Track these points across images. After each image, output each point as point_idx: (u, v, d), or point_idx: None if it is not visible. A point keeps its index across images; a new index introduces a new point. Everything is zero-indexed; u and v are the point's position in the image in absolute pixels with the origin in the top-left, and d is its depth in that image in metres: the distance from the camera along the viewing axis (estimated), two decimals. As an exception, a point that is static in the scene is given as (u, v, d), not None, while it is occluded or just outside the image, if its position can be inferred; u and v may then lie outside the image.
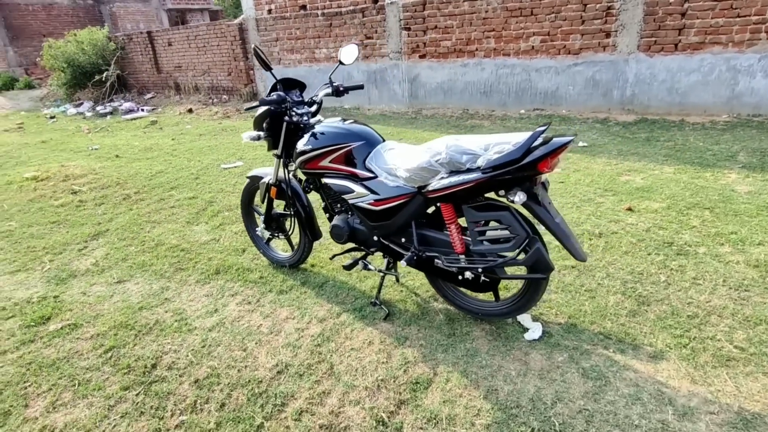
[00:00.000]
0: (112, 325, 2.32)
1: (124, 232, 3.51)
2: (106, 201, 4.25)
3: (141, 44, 10.67)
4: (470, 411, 1.67)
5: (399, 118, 7.10)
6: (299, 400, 1.77)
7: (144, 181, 4.75)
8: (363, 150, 2.10)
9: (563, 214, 3.18)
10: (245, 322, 2.29)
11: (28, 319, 2.43)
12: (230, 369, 1.96)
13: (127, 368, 2.01)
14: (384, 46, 7.31)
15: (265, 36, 8.59)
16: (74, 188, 4.64)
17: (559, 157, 1.70)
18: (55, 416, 1.78)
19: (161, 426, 1.70)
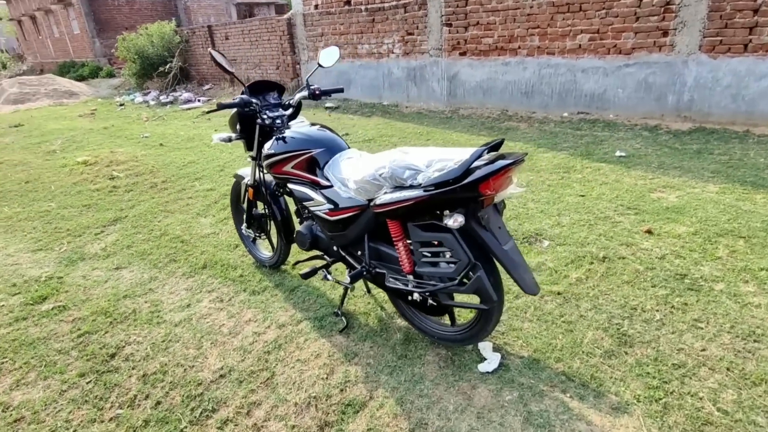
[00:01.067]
0: (94, 311, 2.45)
1: (139, 219, 3.71)
2: (135, 188, 4.52)
3: (202, 38, 11.26)
4: (391, 444, 1.57)
5: (434, 117, 6.92)
6: (229, 408, 1.76)
7: (174, 171, 5.00)
8: (323, 157, 2.04)
9: (572, 232, 2.93)
10: (210, 320, 2.33)
11: (29, 297, 2.63)
12: (178, 367, 2.00)
13: (90, 355, 2.11)
14: (424, 42, 7.14)
15: (311, 31, 8.72)
16: (113, 174, 4.99)
17: (508, 178, 1.54)
18: (14, 394, 1.90)
19: (96, 417, 1.76)
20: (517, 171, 1.58)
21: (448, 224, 1.56)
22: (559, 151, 4.72)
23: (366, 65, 8.08)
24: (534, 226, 3.09)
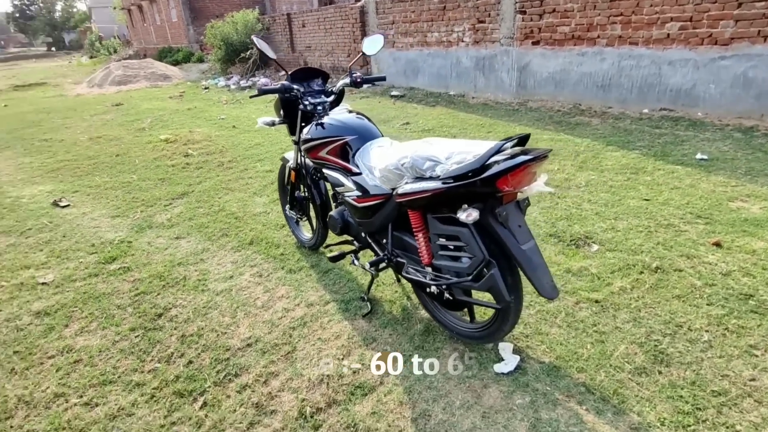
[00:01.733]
0: (152, 274, 2.72)
1: (203, 195, 4.02)
2: (204, 165, 4.89)
3: (281, 25, 11.75)
4: (391, 430, 1.59)
5: (500, 108, 6.68)
6: (250, 375, 1.88)
7: (241, 151, 5.32)
8: (356, 144, 2.07)
9: (626, 238, 2.73)
10: (248, 293, 2.48)
11: (102, 257, 2.98)
12: (212, 332, 2.16)
13: (141, 313, 2.35)
14: (496, 30, 6.88)
15: (383, 19, 8.75)
16: (188, 152, 5.42)
17: (529, 175, 1.47)
18: (78, 339, 2.18)
19: (138, 367, 1.96)
20: (540, 168, 1.50)
21: (460, 218, 1.52)
22: (630, 150, 4.36)
23: (434, 54, 7.97)
24: (585, 228, 2.91)
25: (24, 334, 2.23)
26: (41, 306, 2.45)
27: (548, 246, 2.74)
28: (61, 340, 2.17)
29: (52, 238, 3.31)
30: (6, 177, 4.95)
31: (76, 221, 3.61)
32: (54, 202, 4.01)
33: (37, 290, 2.62)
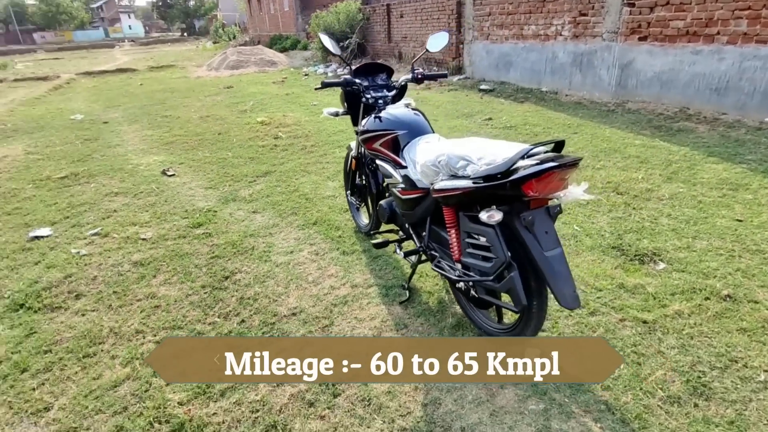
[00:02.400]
0: (227, 241, 3.08)
1: (282, 175, 4.38)
2: (290, 148, 5.29)
3: (380, 15, 12.02)
4: (400, 410, 1.69)
5: (594, 108, 6.25)
6: (285, 342, 2.10)
7: (324, 137, 5.66)
8: (405, 139, 2.16)
9: (700, 260, 2.51)
10: (303, 268, 2.72)
11: (191, 222, 3.43)
12: (266, 299, 2.43)
13: (212, 273, 2.70)
14: (599, 24, 6.40)
15: (479, 10, 8.55)
16: (278, 134, 5.89)
17: (560, 181, 1.45)
18: (161, 289, 2.58)
19: (201, 319, 2.29)
20: (571, 175, 1.48)
21: (482, 218, 1.55)
22: (735, 164, 3.88)
23: (529, 48, 7.64)
24: (655, 244, 2.70)
25: (122, 279, 2.69)
26: (139, 257, 2.92)
27: (607, 258, 2.61)
28: (148, 288, 2.59)
29: (156, 201, 3.88)
30: (131, 147, 5.81)
31: (176, 189, 4.16)
32: (163, 171, 4.66)
33: (138, 244, 3.11)
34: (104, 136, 6.42)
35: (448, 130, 5.62)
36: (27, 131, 6.96)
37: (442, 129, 5.65)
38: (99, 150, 5.68)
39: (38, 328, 2.26)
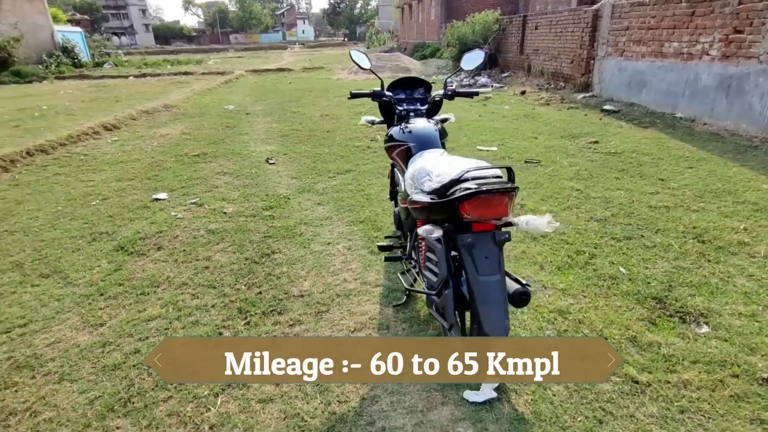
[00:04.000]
0: (283, 225, 3.51)
1: (359, 175, 4.71)
2: (379, 151, 5.62)
3: (516, 27, 11.71)
4: (341, 397, 1.84)
5: (731, 142, 5.30)
6: (286, 317, 2.38)
7: (415, 144, 5.85)
8: (414, 150, 2.25)
9: (762, 333, 2.11)
10: (330, 259, 2.98)
11: (266, 204, 3.95)
12: (286, 278, 2.75)
13: (259, 249, 3.12)
14: (756, 43, 5.39)
15: (617, 24, 7.80)
16: (376, 137, 6.28)
17: (498, 206, 1.46)
18: (217, 256, 3.09)
19: (231, 284, 2.70)
20: (510, 202, 1.46)
21: (419, 233, 1.61)
22: None
23: (668, 67, 6.76)
24: (711, 304, 2.34)
25: (194, 241, 3.29)
26: (214, 227, 3.51)
27: (638, 308, 2.34)
28: (208, 252, 3.13)
29: (249, 184, 4.54)
30: (255, 136, 6.78)
31: (269, 176, 4.80)
32: (267, 159, 5.38)
33: (218, 216, 3.73)
34: (240, 125, 7.58)
35: (543, 149, 5.36)
36: (191, 116, 8.56)
37: (537, 149, 5.41)
38: (231, 136, 6.76)
39: (123, 267, 2.93)
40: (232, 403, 1.83)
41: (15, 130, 7.20)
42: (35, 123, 7.72)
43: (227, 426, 1.72)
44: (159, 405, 1.83)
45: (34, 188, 4.52)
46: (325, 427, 1.70)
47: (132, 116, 8.13)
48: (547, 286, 2.57)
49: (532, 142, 5.73)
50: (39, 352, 2.15)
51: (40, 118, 8.28)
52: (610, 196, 3.82)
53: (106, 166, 5.26)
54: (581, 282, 2.60)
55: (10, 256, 3.12)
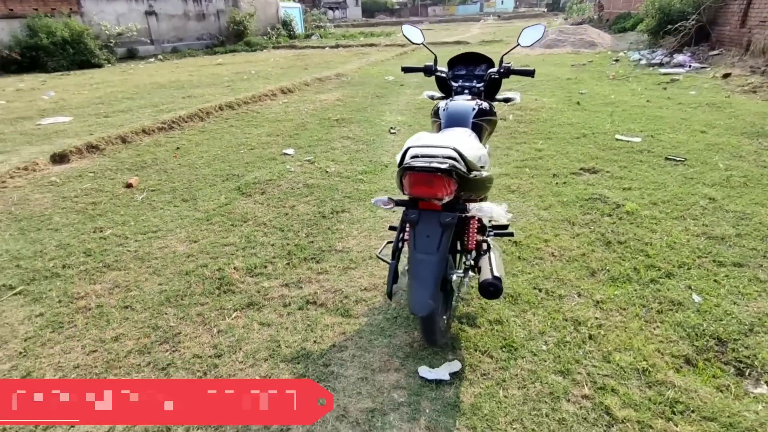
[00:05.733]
0: (368, 189, 3.80)
1: (465, 152, 4.66)
2: (500, 131, 5.38)
3: (743, -9, 9.18)
4: (303, 348, 2.09)
5: None
6: (319, 265, 2.70)
7: (556, 128, 5.40)
8: (443, 128, 2.24)
9: None
10: (384, 229, 3.17)
11: (364, 169, 4.30)
12: (338, 234, 3.06)
13: (334, 206, 3.49)
14: None
15: None
16: (508, 117, 5.99)
17: (425, 185, 1.47)
18: (300, 205, 3.58)
19: (297, 231, 3.14)
20: (450, 185, 1.46)
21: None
22: None
23: None
24: (753, 351, 1.80)
25: (290, 191, 3.85)
26: (312, 182, 4.02)
27: (682, 343, 1.94)
28: (296, 202, 3.64)
29: (361, 149, 4.95)
30: (395, 107, 7.15)
31: (383, 145, 5.12)
32: (390, 128, 5.70)
33: (321, 174, 4.23)
34: (388, 95, 8.07)
35: (703, 146, 4.39)
36: (353, 84, 9.44)
37: (695, 145, 4.47)
38: (374, 105, 7.29)
39: (232, 203, 3.66)
40: (241, 319, 2.26)
41: (226, 89, 9.09)
42: (242, 84, 9.59)
43: (229, 333, 2.15)
44: (196, 306, 2.37)
45: (211, 135, 5.79)
46: (290, 354, 1.99)
47: (306, 82, 9.40)
48: (582, 293, 2.30)
49: (693, 137, 4.71)
50: (152, 251, 2.95)
51: (247, 80, 10.22)
52: (752, 212, 3.01)
53: (266, 123, 6.34)
54: (627, 298, 2.24)
55: (172, 182, 4.18)
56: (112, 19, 16.70)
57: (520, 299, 2.28)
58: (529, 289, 2.35)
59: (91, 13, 16.15)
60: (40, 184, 4.23)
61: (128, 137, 5.51)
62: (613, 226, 2.95)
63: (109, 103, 7.95)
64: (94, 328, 2.22)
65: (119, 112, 7.14)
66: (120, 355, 2.04)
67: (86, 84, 10.60)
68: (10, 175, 4.34)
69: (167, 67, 13.85)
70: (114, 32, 16.39)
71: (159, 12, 18.46)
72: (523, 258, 2.65)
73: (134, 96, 8.62)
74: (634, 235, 2.82)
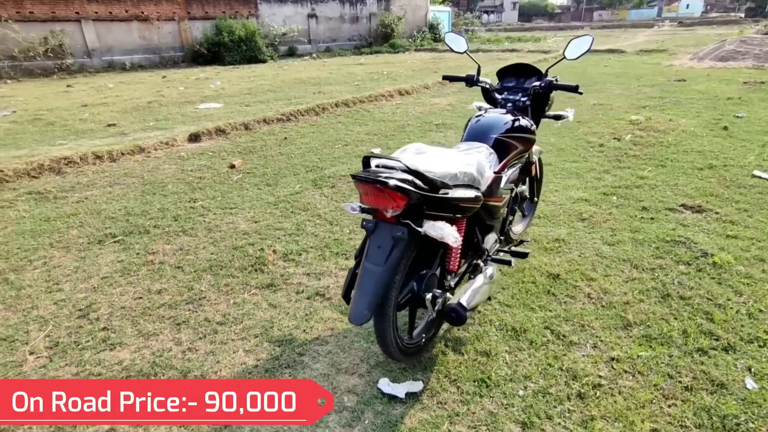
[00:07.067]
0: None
1: (554, 171, 4.28)
2: (619, 154, 4.80)
3: None
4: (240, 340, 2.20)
5: None
6: (345, 261, 2.81)
7: (667, 153, 4.66)
8: (462, 140, 2.16)
9: None
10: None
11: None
12: (378, 236, 3.12)
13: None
14: None
15: None
16: (622, 136, 5.30)
17: (371, 195, 1.48)
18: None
19: (342, 222, 3.30)
20: (396, 199, 1.44)
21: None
22: None
23: None
24: None
25: (357, 189, 4.01)
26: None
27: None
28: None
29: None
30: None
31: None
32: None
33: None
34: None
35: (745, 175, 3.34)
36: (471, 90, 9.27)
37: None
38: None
39: (302, 192, 3.97)
40: (257, 296, 2.49)
41: (354, 87, 9.74)
42: (370, 84, 10.16)
43: (240, 306, 2.40)
44: (228, 278, 2.68)
45: (318, 129, 6.30)
46: (276, 336, 2.14)
47: (426, 86, 9.55)
48: (599, 345, 1.99)
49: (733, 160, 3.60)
50: (220, 225, 3.39)
51: (376, 80, 10.78)
52: None
53: (371, 122, 6.65)
54: (654, 363, 1.88)
55: (266, 167, 4.69)
56: (280, 20, 19.03)
57: (524, 336, 2.07)
58: (540, 327, 2.13)
59: (264, 15, 18.65)
60: (172, 157, 5.13)
61: (250, 125, 6.31)
62: (683, 277, 2.46)
63: (254, 94, 9.15)
64: (149, 280, 2.67)
65: (258, 102, 8.19)
66: (155, 305, 2.43)
67: (246, 76, 12.33)
68: (155, 148, 5.35)
69: (315, 65, 15.31)
70: (279, 32, 18.68)
71: (319, 15, 20.45)
72: (552, 293, 2.39)
73: (276, 89, 9.77)
74: (707, 292, 2.32)
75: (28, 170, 4.42)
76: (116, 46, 15.12)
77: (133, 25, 15.41)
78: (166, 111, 7.58)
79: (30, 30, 13.18)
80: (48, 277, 2.73)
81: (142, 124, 6.65)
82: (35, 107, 8.08)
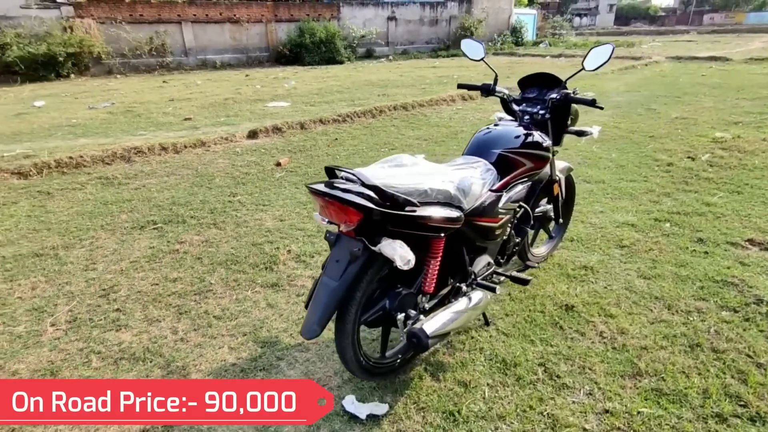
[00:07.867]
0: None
1: (605, 190, 3.91)
2: (691, 178, 4.29)
3: None
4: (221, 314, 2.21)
5: None
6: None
7: (748, 178, 4.06)
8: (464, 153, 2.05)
9: None
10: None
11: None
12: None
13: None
14: None
15: None
16: (697, 155, 4.70)
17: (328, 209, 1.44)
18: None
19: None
20: (352, 216, 1.40)
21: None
22: None
23: None
24: None
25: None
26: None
27: None
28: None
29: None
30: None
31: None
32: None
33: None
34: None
35: None
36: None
37: None
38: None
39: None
40: (260, 294, 2.55)
41: (420, 91, 9.69)
42: (437, 87, 10.04)
43: (241, 303, 2.46)
44: (238, 273, 2.77)
45: (370, 131, 6.33)
46: (263, 337, 2.17)
47: (492, 91, 9.20)
48: (595, 392, 1.76)
49: None
50: (248, 221, 3.52)
51: (444, 84, 10.63)
52: None
53: (425, 127, 6.55)
54: (656, 422, 1.62)
55: (309, 167, 4.80)
56: (360, 23, 19.48)
57: (512, 371, 1.90)
58: (533, 363, 1.94)
59: (345, 18, 19.20)
60: (228, 152, 5.44)
61: (306, 124, 6.51)
62: (723, 326, 2.11)
63: (321, 95, 9.45)
64: (169, 268, 2.85)
65: (323, 103, 8.44)
66: (167, 292, 2.58)
67: (320, 77, 12.78)
68: (215, 142, 5.71)
69: (388, 67, 15.46)
70: (359, 35, 19.14)
71: (398, 17, 20.63)
72: (560, 326, 2.17)
73: (343, 90, 10.00)
74: (747, 347, 1.96)
75: (103, 157, 4.94)
76: (210, 46, 16.44)
77: (225, 26, 16.65)
78: (237, 108, 8.07)
79: (139, 31, 14.76)
80: (89, 256, 3.01)
81: (213, 119, 7.14)
82: (131, 100, 9.01)
